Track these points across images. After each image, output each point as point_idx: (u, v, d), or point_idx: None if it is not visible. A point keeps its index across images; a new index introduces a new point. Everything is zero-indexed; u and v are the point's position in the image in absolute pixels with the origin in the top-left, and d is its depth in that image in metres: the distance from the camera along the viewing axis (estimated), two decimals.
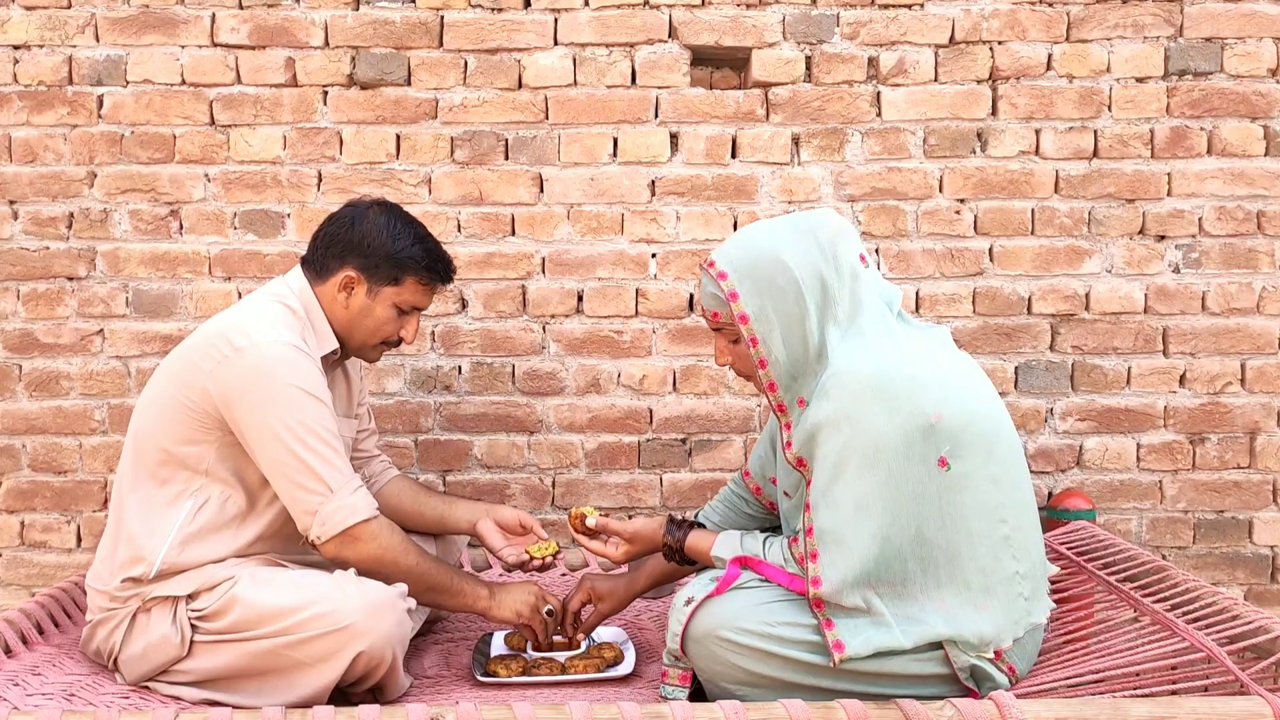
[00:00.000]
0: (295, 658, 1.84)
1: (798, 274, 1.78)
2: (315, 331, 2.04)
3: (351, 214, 2.08)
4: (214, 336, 1.95)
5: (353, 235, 2.05)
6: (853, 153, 2.79)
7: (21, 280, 2.77)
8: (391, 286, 2.06)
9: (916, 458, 1.71)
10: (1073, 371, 2.83)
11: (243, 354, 1.90)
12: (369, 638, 1.83)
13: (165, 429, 1.95)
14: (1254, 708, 1.55)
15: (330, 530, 1.90)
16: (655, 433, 2.83)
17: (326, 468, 1.90)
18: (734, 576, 1.82)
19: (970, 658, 1.74)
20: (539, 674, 2.04)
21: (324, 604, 1.84)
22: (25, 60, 2.74)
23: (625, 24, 2.76)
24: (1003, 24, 2.77)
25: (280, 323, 1.97)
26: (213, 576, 1.92)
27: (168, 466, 1.95)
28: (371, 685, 1.91)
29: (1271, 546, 2.84)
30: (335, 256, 2.05)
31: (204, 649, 1.90)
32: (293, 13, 2.75)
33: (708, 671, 1.80)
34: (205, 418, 1.92)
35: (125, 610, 1.93)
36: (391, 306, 2.07)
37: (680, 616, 1.80)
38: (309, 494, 1.89)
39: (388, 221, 2.06)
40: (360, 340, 2.09)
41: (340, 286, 2.04)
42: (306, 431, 1.89)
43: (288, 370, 1.90)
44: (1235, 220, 2.80)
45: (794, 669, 1.74)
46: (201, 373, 1.92)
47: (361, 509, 1.92)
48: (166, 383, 1.98)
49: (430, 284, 2.10)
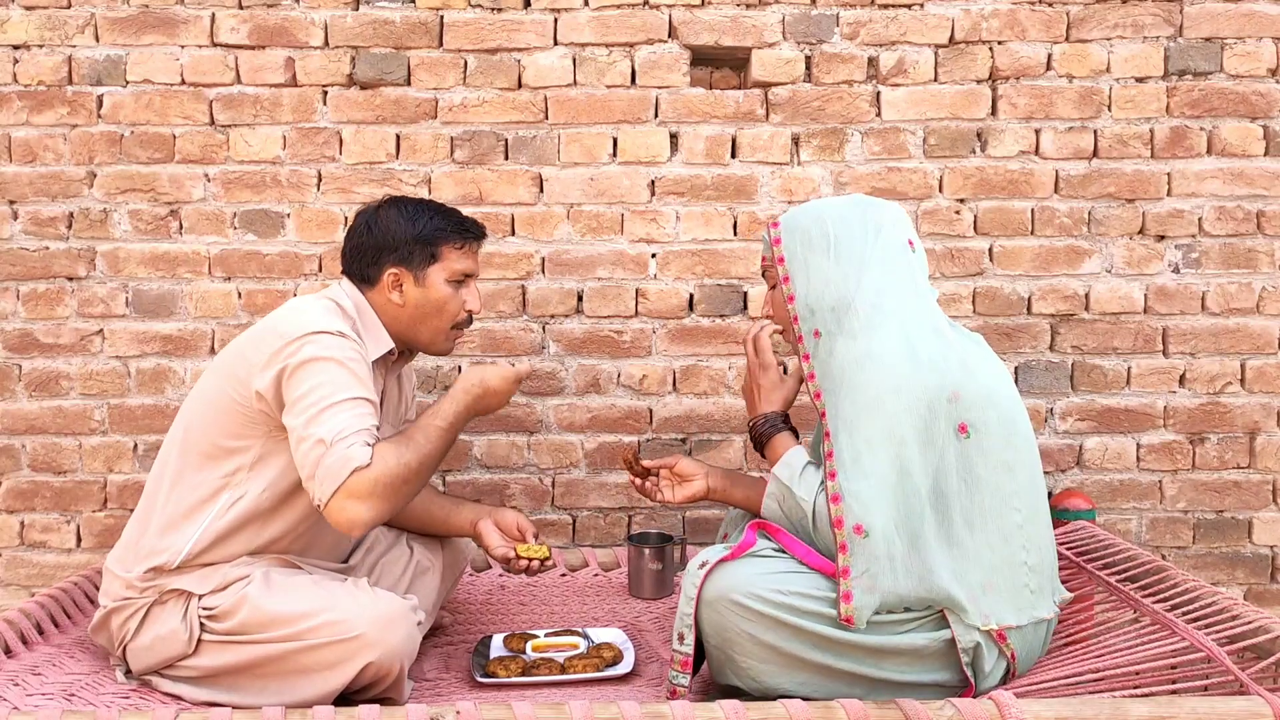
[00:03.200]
0: (302, 664, 1.84)
1: (832, 231, 1.93)
2: (368, 332, 2.04)
3: (366, 220, 2.10)
4: (266, 330, 1.95)
5: (374, 237, 2.06)
6: (853, 153, 2.79)
7: (21, 280, 2.77)
8: (434, 264, 2.06)
9: (940, 415, 1.79)
10: (1073, 371, 2.83)
11: (294, 341, 1.89)
12: (378, 649, 1.82)
13: (216, 422, 1.95)
14: (1254, 708, 1.55)
15: (325, 491, 1.79)
16: (655, 433, 2.83)
17: (329, 429, 1.81)
18: (750, 543, 1.85)
19: (976, 635, 1.76)
20: (538, 674, 2.05)
21: (335, 612, 1.84)
22: (25, 60, 2.74)
23: (625, 24, 2.76)
24: (1002, 24, 2.77)
25: (332, 314, 1.98)
26: (228, 575, 1.92)
27: (214, 460, 1.95)
28: (375, 694, 1.91)
29: (1271, 546, 2.85)
30: (371, 263, 2.06)
31: (211, 648, 1.90)
32: (293, 13, 2.75)
33: (718, 638, 1.80)
34: (254, 414, 1.91)
35: (142, 601, 1.93)
36: (444, 283, 2.07)
37: (695, 579, 1.82)
38: (308, 457, 1.81)
39: (400, 211, 2.08)
40: (432, 329, 2.09)
41: (390, 287, 2.05)
42: (332, 396, 1.83)
43: (334, 349, 1.88)
44: (1235, 220, 2.80)
45: (802, 641, 1.76)
46: (251, 365, 1.91)
47: (354, 458, 1.79)
48: (220, 376, 1.98)
49: (465, 244, 2.09)
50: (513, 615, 2.43)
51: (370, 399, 1.90)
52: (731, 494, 2.14)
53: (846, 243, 1.91)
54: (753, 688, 1.80)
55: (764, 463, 2.50)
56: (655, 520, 2.84)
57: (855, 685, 1.76)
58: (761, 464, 2.80)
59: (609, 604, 2.50)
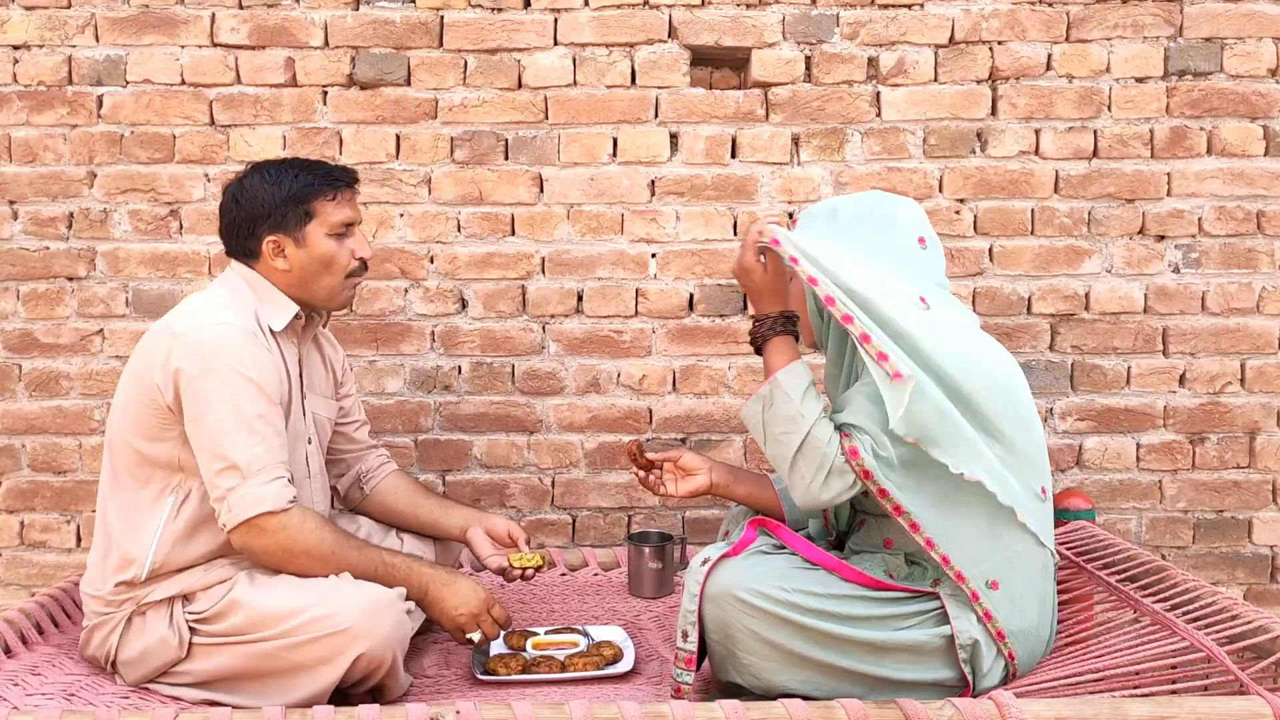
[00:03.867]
0: (295, 660, 1.84)
1: (843, 217, 1.92)
2: (269, 303, 2.02)
3: (232, 193, 2.06)
4: (161, 329, 1.96)
5: (244, 210, 2.03)
6: (853, 153, 2.79)
7: (21, 280, 2.77)
8: (310, 223, 2.02)
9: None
10: (1072, 371, 2.83)
11: (184, 339, 1.90)
12: (368, 640, 1.82)
13: (133, 429, 1.94)
14: (1254, 708, 1.56)
15: (235, 518, 1.84)
16: (655, 432, 2.83)
17: (245, 454, 1.85)
18: (750, 540, 1.86)
19: (975, 631, 1.76)
20: (539, 672, 2.05)
21: (323, 606, 1.84)
22: (25, 60, 2.74)
23: (625, 24, 2.76)
24: (1002, 24, 2.77)
25: (224, 305, 1.97)
26: (207, 578, 1.92)
27: (143, 467, 1.95)
28: (372, 686, 1.91)
29: (1271, 546, 2.84)
30: (248, 236, 2.03)
31: (203, 651, 1.90)
32: (293, 13, 2.75)
33: (720, 634, 1.80)
34: (164, 412, 1.91)
35: (120, 614, 1.93)
36: (326, 239, 2.03)
37: (697, 576, 1.82)
38: (222, 478, 1.86)
39: (264, 175, 2.04)
40: (326, 286, 2.05)
41: (272, 254, 2.02)
42: (235, 416, 1.86)
43: (227, 353, 1.89)
44: (1235, 220, 2.80)
45: (805, 638, 1.76)
46: (150, 366, 1.92)
47: (268, 499, 1.85)
48: (128, 382, 1.98)
49: (337, 194, 2.04)
50: (513, 613, 2.43)
51: (274, 410, 1.91)
52: (734, 490, 2.14)
53: (858, 229, 1.91)
54: (754, 685, 1.80)
55: (764, 462, 2.50)
56: (655, 520, 2.84)
57: (856, 683, 1.76)
58: (763, 464, 2.80)
59: (609, 603, 2.50)
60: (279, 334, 2.03)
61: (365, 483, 2.30)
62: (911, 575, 1.84)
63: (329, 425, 2.20)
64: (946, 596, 1.79)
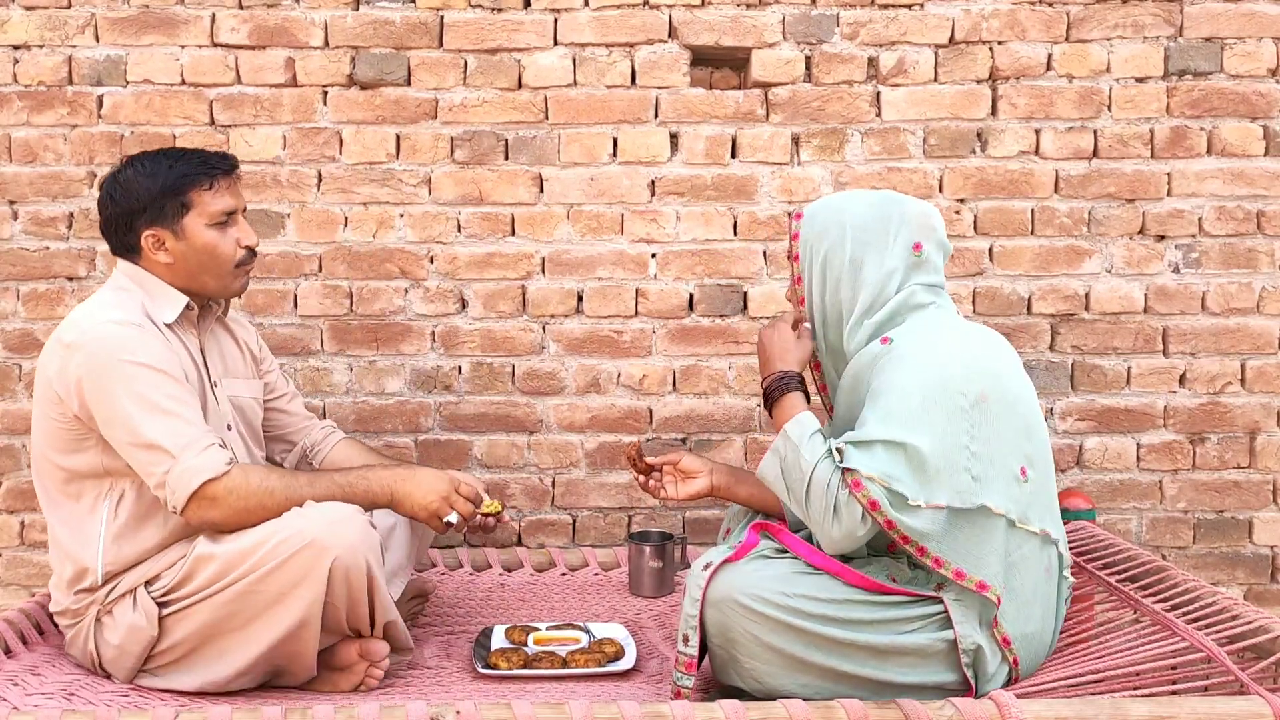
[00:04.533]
0: (270, 590, 1.82)
1: (850, 230, 1.91)
2: (156, 298, 1.99)
3: (107, 189, 2.02)
4: (52, 342, 1.94)
5: (121, 205, 1.99)
6: (853, 153, 2.79)
7: (21, 280, 2.77)
8: (187, 214, 1.98)
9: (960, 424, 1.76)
10: (1073, 371, 2.83)
11: (74, 346, 1.88)
12: (336, 547, 1.81)
13: (51, 447, 1.94)
14: (1254, 708, 1.56)
15: (180, 497, 1.84)
16: (655, 432, 2.83)
17: (167, 435, 1.84)
18: (753, 544, 1.85)
19: (978, 636, 1.75)
20: (540, 667, 2.05)
21: (284, 530, 1.83)
22: (25, 60, 2.74)
23: (625, 24, 2.76)
24: (1002, 24, 2.77)
25: (106, 304, 1.95)
26: (163, 560, 1.91)
27: (72, 482, 1.94)
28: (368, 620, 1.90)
29: (1271, 546, 2.84)
30: (126, 231, 2.00)
31: (177, 620, 1.88)
32: (293, 13, 2.75)
33: (722, 639, 1.80)
34: (75, 424, 1.90)
35: (88, 619, 1.93)
36: (206, 229, 1.99)
37: (699, 581, 1.81)
38: (154, 465, 1.84)
39: (138, 168, 2.00)
40: (213, 275, 2.02)
41: (153, 249, 1.99)
42: (144, 403, 1.84)
43: (116, 347, 1.87)
44: (1235, 220, 2.80)
45: (806, 643, 1.75)
46: (49, 380, 1.91)
47: (206, 468, 1.84)
48: (36, 403, 1.97)
49: (213, 182, 1.99)
50: (513, 611, 2.43)
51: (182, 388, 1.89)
52: (735, 491, 2.14)
53: (863, 243, 1.91)
54: (755, 689, 1.80)
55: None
56: (655, 520, 2.84)
57: (858, 688, 1.75)
58: None
59: (609, 602, 2.50)
60: (174, 326, 1.99)
61: (313, 456, 2.28)
62: (915, 579, 1.83)
63: (256, 406, 2.18)
64: (950, 601, 1.78)
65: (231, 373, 2.13)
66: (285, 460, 2.29)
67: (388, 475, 1.99)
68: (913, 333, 1.85)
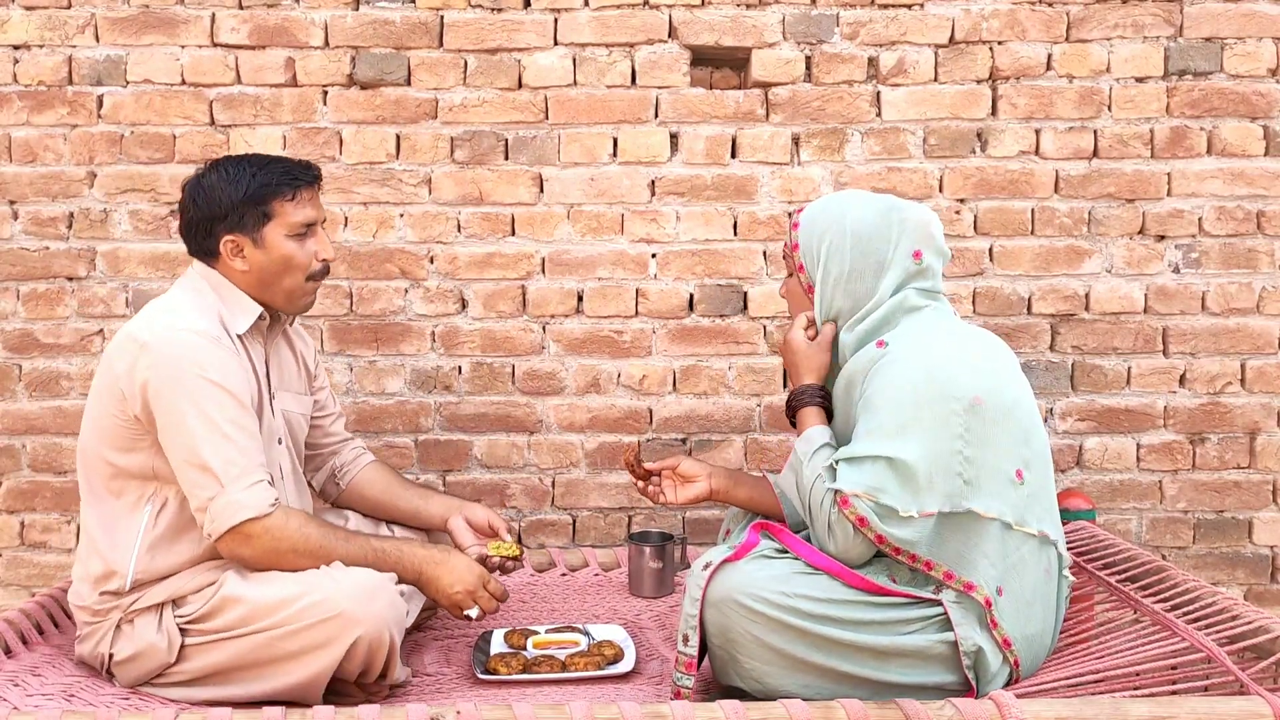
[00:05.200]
0: (289, 648, 1.83)
1: (850, 236, 1.91)
2: (232, 305, 1.99)
3: (190, 192, 2.01)
4: (124, 338, 1.93)
5: (202, 209, 1.99)
6: (853, 153, 2.79)
7: (21, 280, 2.77)
8: (268, 224, 1.98)
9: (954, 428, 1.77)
10: (1073, 371, 2.83)
11: (148, 348, 1.87)
12: (364, 624, 1.81)
13: (104, 441, 1.93)
14: (1254, 708, 1.56)
15: (218, 527, 1.83)
16: (655, 433, 2.83)
17: (221, 461, 1.84)
18: (753, 544, 1.85)
19: (979, 638, 1.75)
20: (539, 671, 2.04)
21: (315, 594, 1.83)
22: (25, 60, 2.74)
23: (625, 24, 2.76)
24: (1002, 24, 2.77)
25: (187, 310, 1.94)
26: (194, 581, 1.91)
27: (118, 479, 1.93)
28: (376, 676, 1.90)
29: (1271, 546, 2.84)
30: (206, 235, 1.99)
31: (196, 650, 1.89)
32: (293, 13, 2.75)
33: (722, 639, 1.80)
34: (133, 424, 1.89)
35: (108, 622, 1.92)
36: (286, 240, 1.98)
37: (699, 581, 1.81)
38: (201, 489, 1.84)
39: (222, 173, 1.99)
40: (287, 288, 2.01)
41: (230, 255, 1.98)
42: (206, 423, 1.84)
43: (191, 359, 1.86)
44: (1235, 220, 2.80)
45: (807, 643, 1.76)
46: (116, 376, 1.90)
47: (250, 506, 1.84)
48: (95, 394, 1.96)
49: (297, 193, 1.99)
50: (514, 613, 2.43)
51: (246, 414, 1.89)
52: (734, 494, 2.14)
53: (863, 250, 1.91)
54: (755, 689, 1.80)
55: (765, 462, 2.51)
56: (655, 520, 2.84)
57: (859, 688, 1.75)
58: (763, 464, 2.80)
59: (609, 602, 2.49)
60: (244, 335, 1.99)
61: (340, 477, 2.28)
62: (914, 580, 1.83)
63: (304, 422, 2.17)
64: (949, 603, 1.78)
65: (286, 386, 2.12)
66: (312, 478, 2.28)
67: (421, 555, 2.00)
68: (907, 336, 1.86)
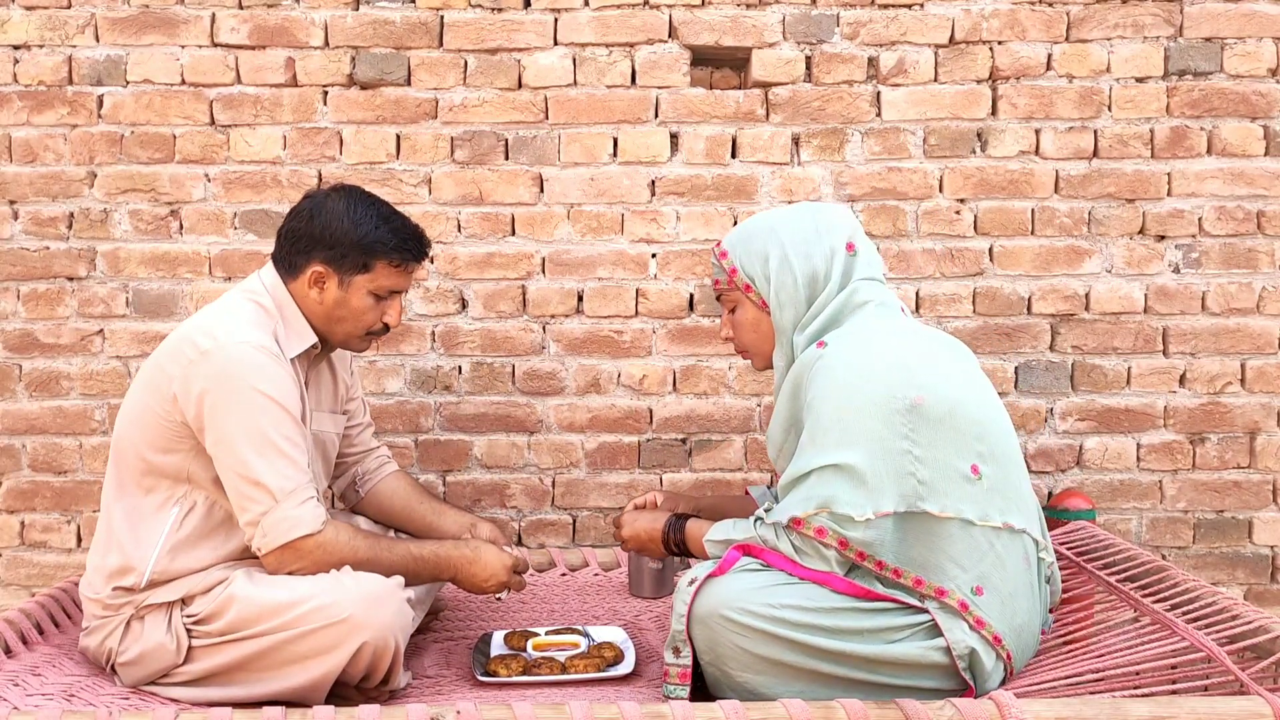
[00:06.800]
0: (295, 652, 1.83)
1: (785, 241, 1.93)
2: (290, 328, 1.98)
3: (310, 206, 2.00)
4: (181, 340, 1.92)
5: (314, 228, 1.97)
6: (853, 153, 2.79)
7: (21, 280, 2.77)
8: (363, 274, 1.98)
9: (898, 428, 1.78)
10: (1073, 371, 2.83)
11: (207, 356, 1.87)
12: (369, 630, 1.82)
13: (143, 437, 1.92)
14: (1254, 708, 1.56)
15: (270, 543, 1.85)
16: (655, 432, 2.83)
17: (275, 476, 1.85)
18: (734, 559, 1.84)
19: (971, 640, 1.75)
20: (539, 673, 2.04)
21: (322, 597, 1.83)
22: (25, 60, 2.74)
23: (625, 24, 2.76)
24: (1003, 24, 2.77)
25: (248, 322, 1.93)
26: (204, 581, 1.91)
27: (150, 476, 1.93)
28: (378, 681, 1.90)
29: (1271, 546, 2.85)
30: (301, 252, 1.98)
31: (202, 652, 1.89)
32: (293, 13, 2.75)
33: (711, 654, 1.80)
34: (178, 425, 1.89)
35: (119, 618, 1.92)
36: (367, 295, 1.99)
37: (685, 597, 1.81)
38: (253, 503, 1.85)
39: (348, 207, 1.98)
40: (344, 333, 2.03)
41: (311, 282, 1.98)
42: (260, 438, 1.85)
43: (250, 372, 1.86)
44: (1235, 220, 2.80)
45: (796, 652, 1.75)
46: (169, 378, 1.89)
47: (305, 523, 1.86)
48: (141, 390, 1.95)
49: (403, 265, 2.00)
50: (514, 614, 2.43)
51: (299, 430, 1.91)
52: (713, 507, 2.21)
53: (805, 254, 1.92)
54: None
55: (765, 462, 2.50)
56: None
57: (854, 689, 1.75)
58: (763, 464, 2.80)
59: (609, 603, 2.50)
60: (295, 358, 2.00)
61: (361, 485, 2.30)
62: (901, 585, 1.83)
63: (336, 440, 2.19)
64: (935, 609, 1.78)
65: (321, 406, 2.12)
66: (335, 484, 2.30)
67: (456, 556, 2.04)
68: (847, 335, 1.86)
